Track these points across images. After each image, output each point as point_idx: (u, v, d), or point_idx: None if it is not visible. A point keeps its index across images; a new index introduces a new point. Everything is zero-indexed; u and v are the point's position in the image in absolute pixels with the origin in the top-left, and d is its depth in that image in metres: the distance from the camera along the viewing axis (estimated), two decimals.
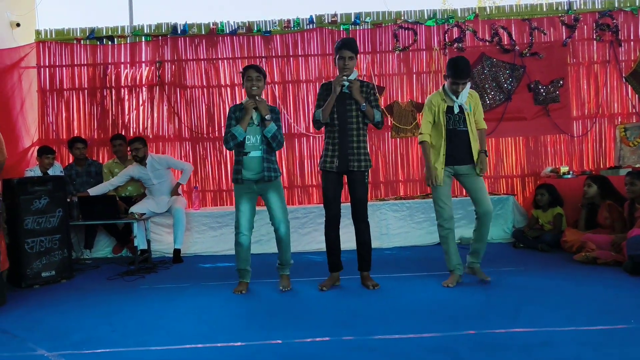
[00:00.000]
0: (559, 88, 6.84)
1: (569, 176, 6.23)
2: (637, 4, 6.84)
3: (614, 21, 6.82)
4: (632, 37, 6.89)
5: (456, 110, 4.13)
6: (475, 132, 4.18)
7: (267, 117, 4.13)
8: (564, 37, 6.85)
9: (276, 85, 6.97)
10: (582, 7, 6.92)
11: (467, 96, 4.15)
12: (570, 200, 5.80)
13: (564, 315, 3.22)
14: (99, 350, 2.90)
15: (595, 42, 6.90)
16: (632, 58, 6.90)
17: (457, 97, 4.10)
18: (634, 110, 6.92)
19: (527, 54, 6.83)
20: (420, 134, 4.26)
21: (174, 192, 6.11)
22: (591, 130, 6.96)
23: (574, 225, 5.57)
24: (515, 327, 3.01)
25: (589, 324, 3.01)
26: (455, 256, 4.19)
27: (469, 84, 4.15)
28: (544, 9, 7.02)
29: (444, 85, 4.22)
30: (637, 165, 5.96)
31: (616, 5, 6.86)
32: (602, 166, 6.84)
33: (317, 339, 2.95)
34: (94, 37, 6.90)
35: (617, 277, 4.18)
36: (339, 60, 4.08)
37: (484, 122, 4.29)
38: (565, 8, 6.90)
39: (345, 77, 4.06)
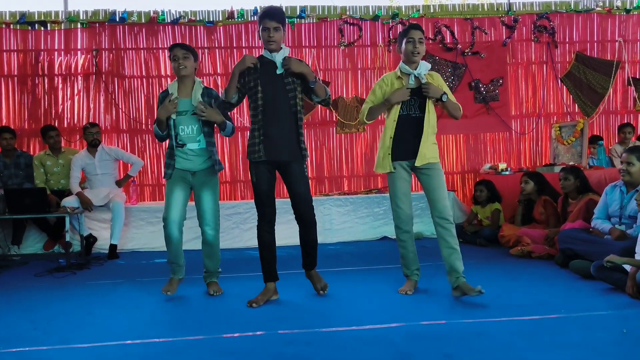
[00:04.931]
0: (499, 87, 7.01)
1: (507, 173, 6.38)
2: (572, 7, 7.10)
3: (551, 23, 7.05)
4: (567, 40, 7.15)
5: (411, 81, 3.57)
6: (433, 120, 3.66)
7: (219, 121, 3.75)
8: (504, 38, 7.03)
9: (219, 77, 6.82)
10: (521, 8, 7.11)
11: (427, 75, 3.60)
12: (507, 197, 5.93)
13: (499, 306, 3.28)
14: (17, 349, 2.71)
15: (533, 43, 7.11)
16: (567, 60, 7.16)
17: (414, 69, 3.56)
18: (568, 110, 7.18)
19: (469, 53, 6.96)
20: (361, 113, 3.73)
21: (121, 183, 6.05)
22: (528, 128, 7.18)
23: (511, 221, 5.71)
24: (452, 319, 3.03)
25: (522, 314, 3.07)
26: (413, 261, 3.78)
27: (429, 65, 3.65)
28: (485, 9, 7.17)
29: (398, 66, 3.68)
30: (570, 163, 6.17)
31: (553, 8, 7.09)
32: (538, 163, 7.06)
33: (249, 334, 2.86)
34: (25, 21, 6.52)
35: (549, 270, 4.31)
36: (263, 32, 3.42)
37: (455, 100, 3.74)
38: (506, 9, 7.08)
39: (254, 63, 3.46)
